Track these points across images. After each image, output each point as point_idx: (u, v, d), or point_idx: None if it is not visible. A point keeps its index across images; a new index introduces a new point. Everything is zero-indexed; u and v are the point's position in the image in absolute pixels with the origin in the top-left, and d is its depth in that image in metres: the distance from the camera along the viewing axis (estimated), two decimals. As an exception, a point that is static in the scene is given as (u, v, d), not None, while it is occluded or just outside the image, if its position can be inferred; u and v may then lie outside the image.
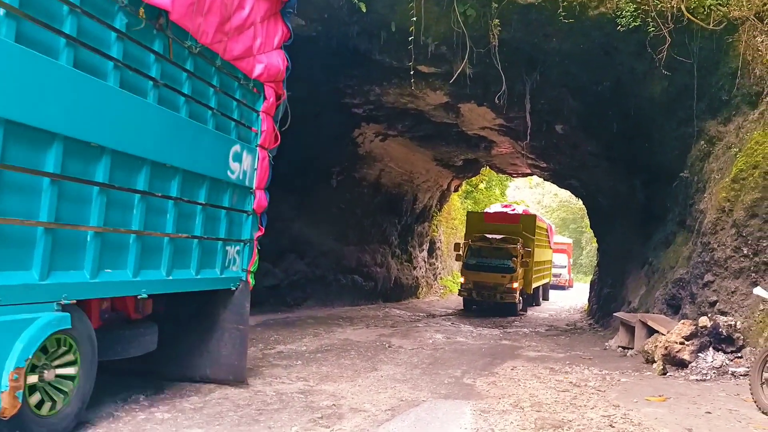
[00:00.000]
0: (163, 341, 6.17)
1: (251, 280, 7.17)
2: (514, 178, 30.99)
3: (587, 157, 14.77)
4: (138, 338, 5.75)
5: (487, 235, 20.01)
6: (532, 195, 56.17)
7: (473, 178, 28.19)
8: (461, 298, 20.47)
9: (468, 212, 25.18)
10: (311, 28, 10.75)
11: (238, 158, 6.68)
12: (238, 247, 7.02)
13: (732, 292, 8.57)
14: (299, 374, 7.62)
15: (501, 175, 27.56)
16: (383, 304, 20.58)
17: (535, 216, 23.75)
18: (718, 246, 8.74)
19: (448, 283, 27.95)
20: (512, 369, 8.60)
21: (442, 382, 7.58)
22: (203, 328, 6.77)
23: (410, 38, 9.68)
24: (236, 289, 6.89)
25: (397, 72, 11.89)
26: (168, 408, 5.66)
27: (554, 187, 43.74)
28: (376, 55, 11.41)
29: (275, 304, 15.93)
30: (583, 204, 22.40)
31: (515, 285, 18.90)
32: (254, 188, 7.18)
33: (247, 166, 6.95)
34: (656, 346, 8.71)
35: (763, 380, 6.00)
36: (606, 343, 11.62)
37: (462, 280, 19.83)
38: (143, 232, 5.17)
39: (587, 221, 27.80)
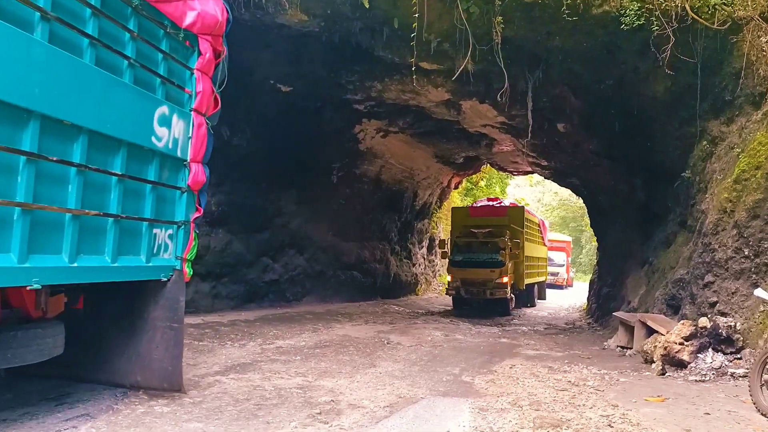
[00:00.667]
0: (86, 343, 5.57)
1: (188, 270, 6.23)
2: (515, 176, 30.87)
3: (588, 155, 14.75)
4: (36, 341, 4.70)
5: (473, 230, 19.06)
6: (533, 193, 56.18)
7: (474, 176, 28.19)
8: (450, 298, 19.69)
9: (453, 208, 24.14)
10: (314, 24, 10.72)
11: (165, 122, 5.66)
12: (170, 231, 6.02)
13: (732, 293, 8.54)
14: (298, 369, 7.61)
15: (502, 172, 27.53)
16: (382, 301, 20.59)
17: (523, 209, 22.42)
18: (719, 247, 8.72)
19: (446, 281, 27.99)
20: (511, 367, 8.58)
21: (441, 380, 7.57)
22: (131, 328, 5.86)
23: (412, 35, 9.66)
24: (168, 280, 5.92)
25: (399, 68, 11.87)
26: (167, 402, 5.66)
27: (554, 186, 43.68)
28: (378, 52, 11.38)
29: (274, 299, 15.95)
30: (584, 203, 22.35)
31: (505, 279, 17.94)
32: (189, 160, 6.13)
33: (179, 132, 5.90)
34: (655, 347, 8.69)
35: (763, 382, 5.98)
36: (605, 343, 11.60)
37: (449, 278, 18.87)
38: (32, 205, 4.17)
39: (587, 220, 27.45)
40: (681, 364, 8.15)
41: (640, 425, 5.28)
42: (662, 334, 8.73)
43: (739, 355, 8.08)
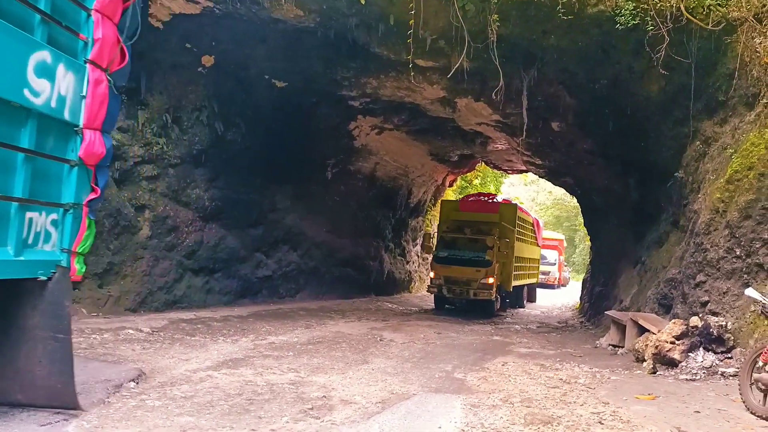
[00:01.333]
0: None
1: (78, 266, 5.10)
2: (510, 175, 30.88)
3: (583, 154, 14.80)
4: None
5: (461, 225, 18.08)
6: (527, 192, 56.28)
7: (468, 174, 28.19)
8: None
9: (442, 200, 23.19)
10: (309, 19, 10.71)
11: (46, 73, 4.43)
12: (53, 216, 4.81)
13: (724, 293, 8.59)
14: (290, 365, 7.60)
15: (496, 171, 27.58)
16: (375, 298, 20.60)
17: (516, 206, 21.08)
18: (711, 246, 8.76)
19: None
20: (503, 365, 8.61)
21: (433, 376, 7.58)
22: (5, 339, 4.65)
23: (409, 31, 9.66)
24: (49, 279, 4.68)
25: (394, 65, 11.87)
26: (159, 396, 5.65)
27: (549, 185, 43.71)
28: (374, 48, 11.37)
29: (267, 295, 15.93)
30: (578, 202, 22.42)
31: (491, 280, 16.92)
32: (82, 126, 4.89)
33: (67, 89, 4.67)
34: (647, 345, 8.74)
35: (752, 381, 6.02)
36: (597, 341, 11.66)
37: (432, 274, 17.79)
38: None
39: (581, 219, 26.61)
40: (672, 363, 8.19)
41: (630, 422, 5.31)
42: (654, 333, 8.78)
43: (729, 355, 8.14)
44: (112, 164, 10.78)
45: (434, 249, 18.35)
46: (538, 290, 31.82)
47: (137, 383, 6.07)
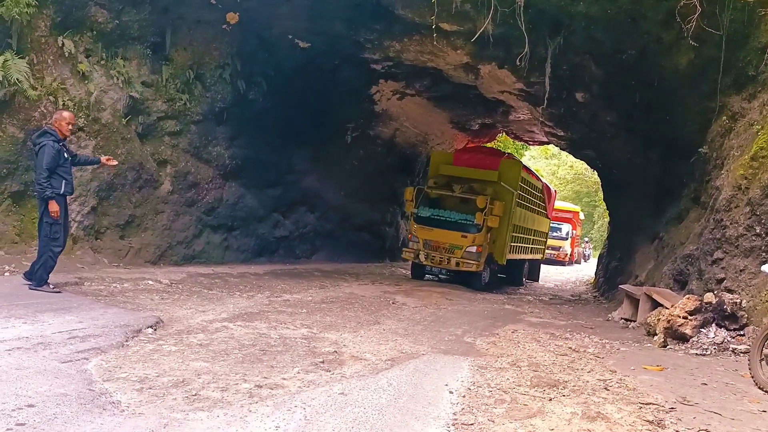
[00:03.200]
0: None
1: None
2: (530, 146, 30.52)
3: (606, 127, 14.60)
4: None
5: (452, 181, 15.57)
6: (548, 165, 55.80)
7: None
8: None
9: (432, 152, 19.67)
10: (335, -22, 10.61)
11: None
12: None
13: (741, 271, 8.53)
14: (303, 322, 7.75)
15: (517, 142, 27.29)
16: (390, 263, 20.74)
17: (520, 164, 17.65)
18: (731, 223, 8.68)
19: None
20: (513, 332, 8.68)
21: (443, 339, 7.68)
22: None
23: (434, -7, 9.54)
24: None
25: (418, 28, 11.74)
26: (175, 342, 5.82)
27: (570, 159, 43.33)
28: (398, 10, 11.26)
29: (284, 254, 16.14)
30: (598, 176, 22.14)
31: (478, 248, 14.78)
32: None
33: None
34: (659, 319, 8.74)
35: (762, 356, 6.03)
36: (609, 315, 11.67)
37: (409, 237, 15.61)
38: None
39: (601, 195, 25.24)
40: (683, 338, 8.20)
41: (636, 390, 5.37)
42: (667, 308, 8.78)
43: (742, 332, 8.11)
44: (135, 118, 10.99)
45: (415, 206, 15.51)
46: (546, 267, 29.00)
47: (155, 330, 6.25)
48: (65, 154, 7.68)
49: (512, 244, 16.97)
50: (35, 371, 4.38)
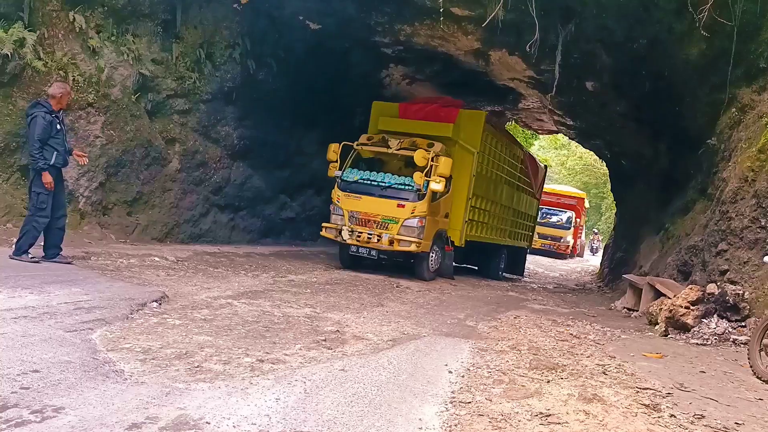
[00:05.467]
0: None
1: None
2: (539, 135, 30.43)
3: (615, 117, 14.56)
4: None
5: (387, 136, 12.19)
6: (557, 156, 55.51)
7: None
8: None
9: (374, 102, 14.12)
10: (346, -40, 10.58)
11: None
12: None
13: (744, 263, 8.53)
14: (307, 301, 7.82)
15: (526, 131, 27.21)
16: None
17: (483, 117, 13.38)
18: (736, 215, 8.67)
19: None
20: (515, 317, 8.73)
21: (445, 322, 7.74)
22: None
23: (446, -24, 9.50)
24: None
25: (429, 12, 11.71)
26: (180, 316, 5.89)
27: (579, 150, 43.02)
28: (409, -7, 11.25)
29: (290, 236, 16.22)
30: (606, 166, 22.09)
31: (419, 222, 11.34)
32: None
33: None
34: (661, 309, 8.76)
35: (762, 346, 6.06)
36: (612, 304, 11.71)
37: (333, 208, 12.11)
38: None
39: (609, 187, 24.91)
40: (684, 328, 8.22)
41: (634, 375, 5.41)
42: (669, 298, 8.80)
43: (743, 323, 8.12)
44: (145, 95, 11.03)
45: (339, 168, 12.09)
46: (545, 260, 27.10)
47: (160, 304, 6.33)
48: (58, 126, 7.72)
49: (477, 220, 13.85)
50: (40, 339, 4.46)
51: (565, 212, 31.62)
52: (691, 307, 8.27)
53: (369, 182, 11.86)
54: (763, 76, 9.05)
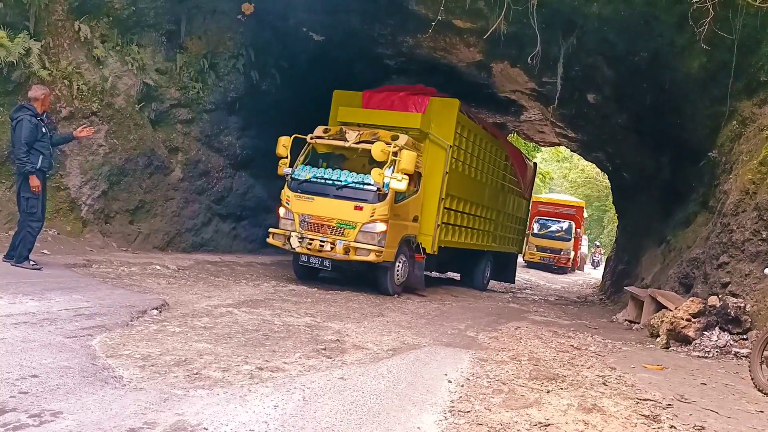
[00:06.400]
0: None
1: None
2: (542, 149, 30.45)
3: (616, 129, 14.57)
4: None
5: (345, 128, 10.74)
6: (559, 169, 55.54)
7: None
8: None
9: (335, 91, 12.60)
10: (350, -28, 10.66)
11: None
12: None
13: (746, 275, 8.52)
14: (308, 311, 7.82)
15: (528, 143, 27.24)
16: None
17: (458, 104, 11.76)
18: (738, 228, 8.67)
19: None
20: (516, 328, 8.72)
21: (445, 333, 7.74)
22: None
23: (448, -11, 9.56)
24: None
25: (431, 24, 11.75)
26: (180, 324, 5.90)
27: (581, 163, 43.02)
28: (411, 5, 11.31)
29: (291, 246, 16.18)
30: (608, 178, 22.07)
31: (378, 227, 9.79)
32: None
33: None
34: (662, 321, 8.75)
35: (763, 359, 6.04)
36: (614, 316, 11.68)
37: (281, 212, 10.57)
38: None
39: (611, 200, 24.16)
40: (686, 340, 8.20)
41: (634, 387, 5.40)
42: (671, 310, 8.78)
43: (745, 336, 8.10)
44: (148, 105, 11.09)
45: (289, 165, 10.67)
46: (545, 273, 26.14)
47: (160, 312, 6.34)
48: (43, 129, 7.74)
49: (453, 224, 12.47)
50: (40, 345, 4.47)
51: (565, 222, 29.85)
52: (693, 320, 8.25)
53: (323, 181, 10.34)
54: (764, 90, 9.08)
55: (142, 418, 3.36)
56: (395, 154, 9.85)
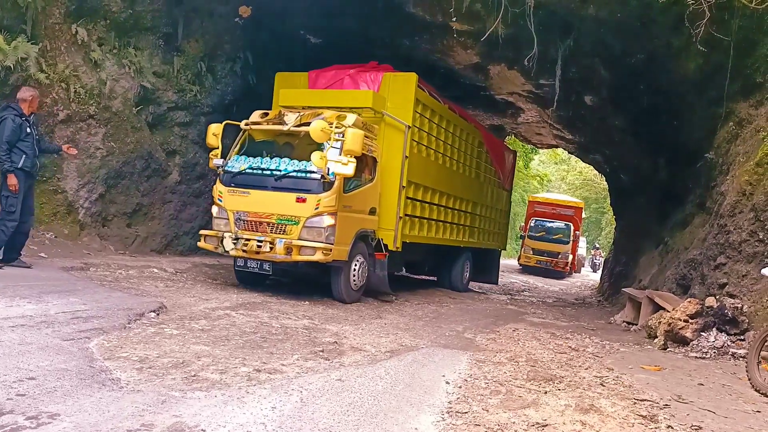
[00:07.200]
0: None
1: None
2: (539, 149, 30.43)
3: (613, 131, 14.62)
4: None
5: (285, 110, 9.47)
6: (557, 171, 55.68)
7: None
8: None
9: (278, 74, 11.29)
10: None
11: None
12: None
13: (743, 276, 8.53)
14: (305, 313, 7.82)
15: (526, 145, 27.27)
16: (396, 262, 20.71)
17: (416, 79, 10.31)
18: (735, 229, 8.69)
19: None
20: (514, 330, 8.72)
21: (443, 334, 7.74)
22: None
23: (446, -8, 9.59)
24: None
25: (429, 27, 11.81)
26: (177, 326, 5.89)
27: (579, 165, 43.11)
28: (409, 8, 11.34)
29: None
30: (606, 180, 22.09)
31: (325, 221, 8.50)
32: None
33: None
34: (660, 322, 8.76)
35: (760, 359, 6.05)
36: (611, 318, 11.68)
37: (214, 211, 9.26)
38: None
39: (609, 202, 24.16)
40: (683, 341, 8.20)
41: (632, 387, 5.40)
42: (668, 311, 8.79)
43: (742, 337, 8.11)
44: (146, 107, 11.09)
45: (222, 156, 9.39)
46: (542, 278, 24.42)
47: (158, 314, 6.33)
48: (28, 129, 7.74)
49: (420, 217, 11.14)
50: (37, 347, 4.46)
51: (564, 224, 28.06)
52: (690, 321, 8.26)
53: (260, 172, 9.03)
54: (760, 91, 9.10)
55: (140, 420, 3.35)
56: (341, 134, 8.43)
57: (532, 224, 28.39)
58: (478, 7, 10.42)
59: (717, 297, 8.49)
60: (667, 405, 4.84)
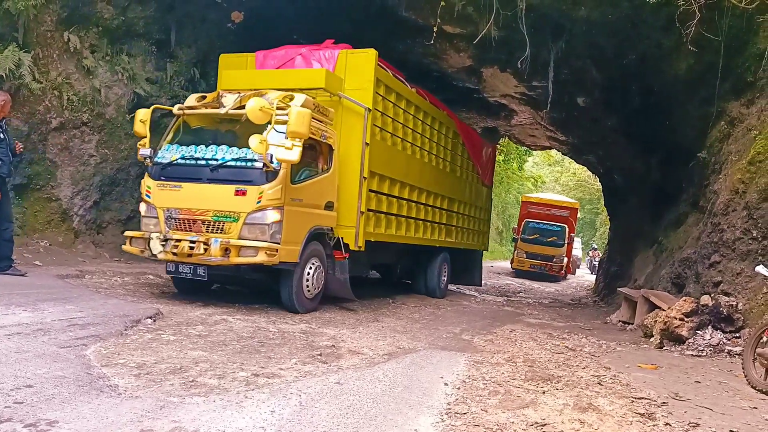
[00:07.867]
0: None
1: None
2: (533, 152, 30.40)
3: (606, 132, 14.68)
4: None
5: (224, 92, 8.21)
6: (551, 172, 55.83)
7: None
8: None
9: (222, 56, 10.15)
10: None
11: None
12: None
13: (737, 274, 8.58)
14: (302, 317, 7.81)
15: (520, 147, 27.33)
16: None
17: (373, 56, 9.19)
18: (728, 227, 8.74)
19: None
20: (511, 331, 8.73)
21: (441, 336, 7.75)
22: None
23: (438, -4, 9.63)
24: None
25: (421, 31, 11.83)
26: (174, 332, 5.88)
27: (573, 166, 43.25)
28: (402, 12, 11.38)
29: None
30: (599, 181, 22.16)
31: (269, 217, 7.36)
32: None
33: None
34: (656, 321, 8.79)
35: (755, 356, 6.08)
36: (608, 318, 11.72)
37: (142, 209, 8.05)
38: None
39: (603, 202, 23.84)
40: (679, 339, 8.24)
41: (629, 386, 5.42)
42: (664, 310, 8.82)
43: (738, 334, 8.15)
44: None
45: (151, 145, 8.20)
46: (537, 283, 22.64)
47: (154, 321, 6.32)
48: (1, 135, 7.69)
49: (386, 212, 10.03)
50: (34, 355, 4.45)
51: (557, 226, 26.65)
52: (686, 319, 8.30)
53: (194, 162, 7.80)
54: (751, 90, 9.17)
55: (139, 426, 3.35)
56: (285, 115, 7.31)
57: (525, 226, 26.92)
58: (470, 10, 10.46)
59: (712, 295, 8.53)
60: (664, 403, 4.86)
